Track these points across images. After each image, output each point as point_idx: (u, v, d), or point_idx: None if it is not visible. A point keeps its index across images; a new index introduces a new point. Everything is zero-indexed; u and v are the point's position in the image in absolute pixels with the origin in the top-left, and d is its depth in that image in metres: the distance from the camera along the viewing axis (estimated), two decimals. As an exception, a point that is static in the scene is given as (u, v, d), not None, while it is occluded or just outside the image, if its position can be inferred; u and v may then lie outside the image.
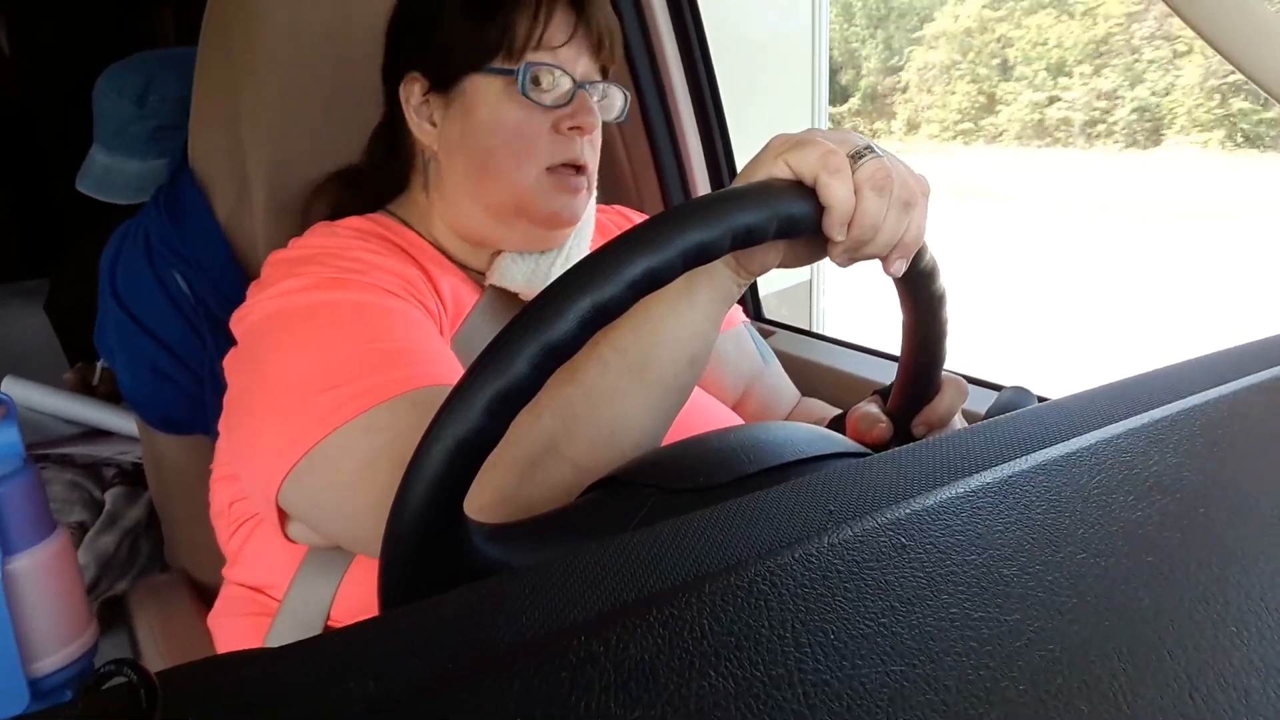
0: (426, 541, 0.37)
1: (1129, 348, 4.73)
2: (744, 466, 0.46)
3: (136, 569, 1.14)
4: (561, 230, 0.76)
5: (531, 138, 0.72)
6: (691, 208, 0.42)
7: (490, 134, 0.72)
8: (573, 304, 0.38)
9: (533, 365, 0.37)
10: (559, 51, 0.72)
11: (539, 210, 0.73)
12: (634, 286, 0.39)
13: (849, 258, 0.50)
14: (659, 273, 0.39)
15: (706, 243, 0.41)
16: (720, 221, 0.41)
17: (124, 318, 0.89)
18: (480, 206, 0.75)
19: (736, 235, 0.42)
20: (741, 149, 1.31)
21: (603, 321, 0.38)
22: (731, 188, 0.46)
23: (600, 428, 0.52)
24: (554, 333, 0.37)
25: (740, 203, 0.43)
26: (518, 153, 0.72)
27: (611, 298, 0.38)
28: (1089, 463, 0.37)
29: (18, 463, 0.67)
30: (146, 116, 1.17)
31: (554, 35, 0.71)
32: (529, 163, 0.72)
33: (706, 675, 0.25)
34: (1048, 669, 0.27)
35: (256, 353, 0.65)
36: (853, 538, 0.31)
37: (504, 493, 0.50)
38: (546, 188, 0.73)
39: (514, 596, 0.29)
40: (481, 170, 0.74)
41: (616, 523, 0.44)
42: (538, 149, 0.72)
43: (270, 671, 0.25)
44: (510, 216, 0.74)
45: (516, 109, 0.71)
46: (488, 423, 0.36)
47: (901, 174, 0.49)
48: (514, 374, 0.36)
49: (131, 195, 1.19)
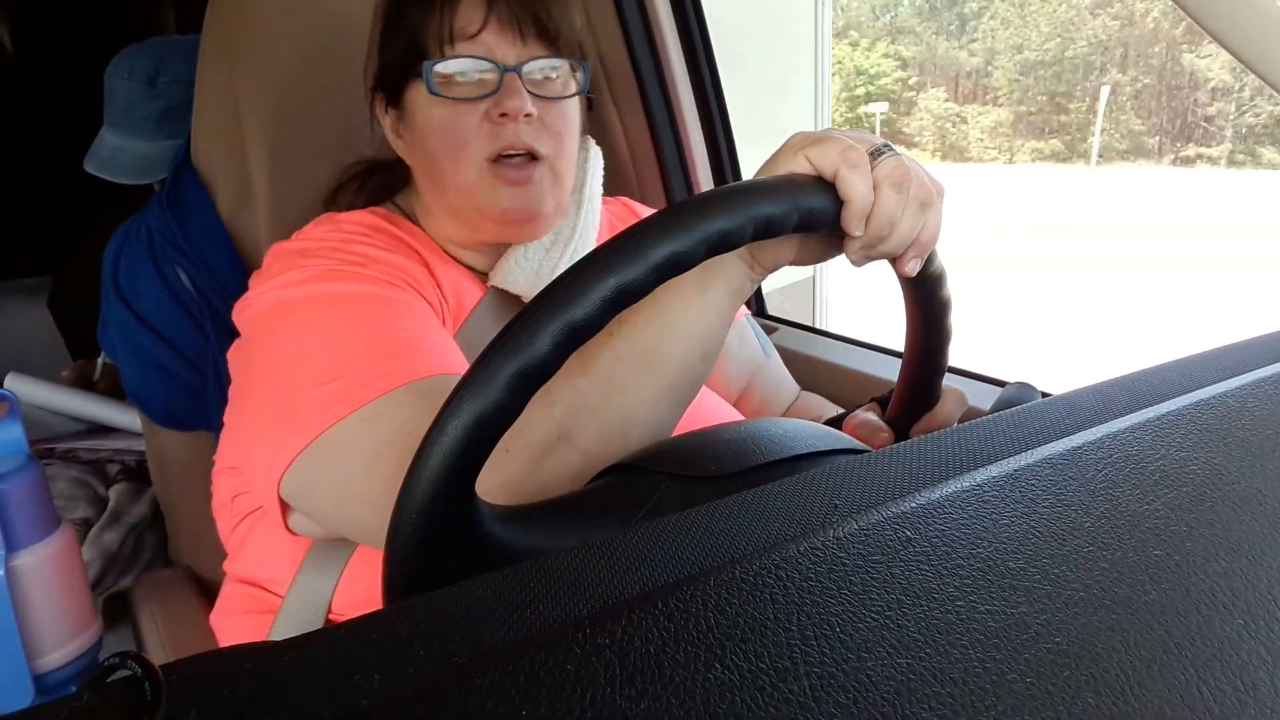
0: (437, 518, 0.37)
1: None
2: (753, 457, 0.46)
3: (141, 565, 1.15)
4: (525, 227, 0.74)
5: (461, 133, 0.70)
6: (715, 196, 0.42)
7: (426, 137, 0.71)
8: (596, 284, 0.38)
9: (555, 343, 0.37)
10: (478, 39, 0.69)
11: (489, 208, 0.71)
12: (658, 269, 0.39)
13: (864, 255, 0.50)
14: (682, 257, 0.40)
15: (729, 230, 0.41)
16: (743, 211, 0.42)
17: (127, 314, 0.89)
18: (446, 212, 0.75)
19: (758, 225, 0.42)
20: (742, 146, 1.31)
21: (625, 303, 0.39)
22: (754, 179, 0.46)
23: (611, 418, 0.52)
24: (577, 312, 0.37)
25: (763, 194, 0.44)
26: (453, 151, 0.70)
27: (634, 280, 0.39)
28: (1095, 457, 0.36)
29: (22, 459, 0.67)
30: (156, 97, 1.17)
31: (464, 26, 0.69)
32: (465, 159, 0.70)
33: (712, 668, 0.25)
34: (1055, 662, 0.27)
35: (259, 344, 0.65)
36: (858, 531, 0.31)
37: (514, 480, 0.51)
38: (489, 181, 0.70)
39: (519, 590, 0.29)
40: (430, 176, 0.73)
41: (627, 508, 0.45)
42: (471, 143, 0.70)
43: (275, 664, 0.25)
44: (470, 216, 0.73)
45: (442, 108, 0.70)
46: (507, 399, 0.36)
47: (919, 174, 0.50)
48: (535, 351, 0.36)
49: (137, 175, 1.19)
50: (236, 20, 0.87)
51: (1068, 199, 14.88)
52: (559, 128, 0.72)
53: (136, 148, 1.19)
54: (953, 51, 28.74)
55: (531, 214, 0.73)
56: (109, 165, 1.20)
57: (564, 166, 0.74)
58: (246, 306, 0.67)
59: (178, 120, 1.16)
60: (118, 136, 1.20)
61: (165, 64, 1.17)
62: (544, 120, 0.71)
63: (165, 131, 1.18)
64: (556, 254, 0.77)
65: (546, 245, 0.78)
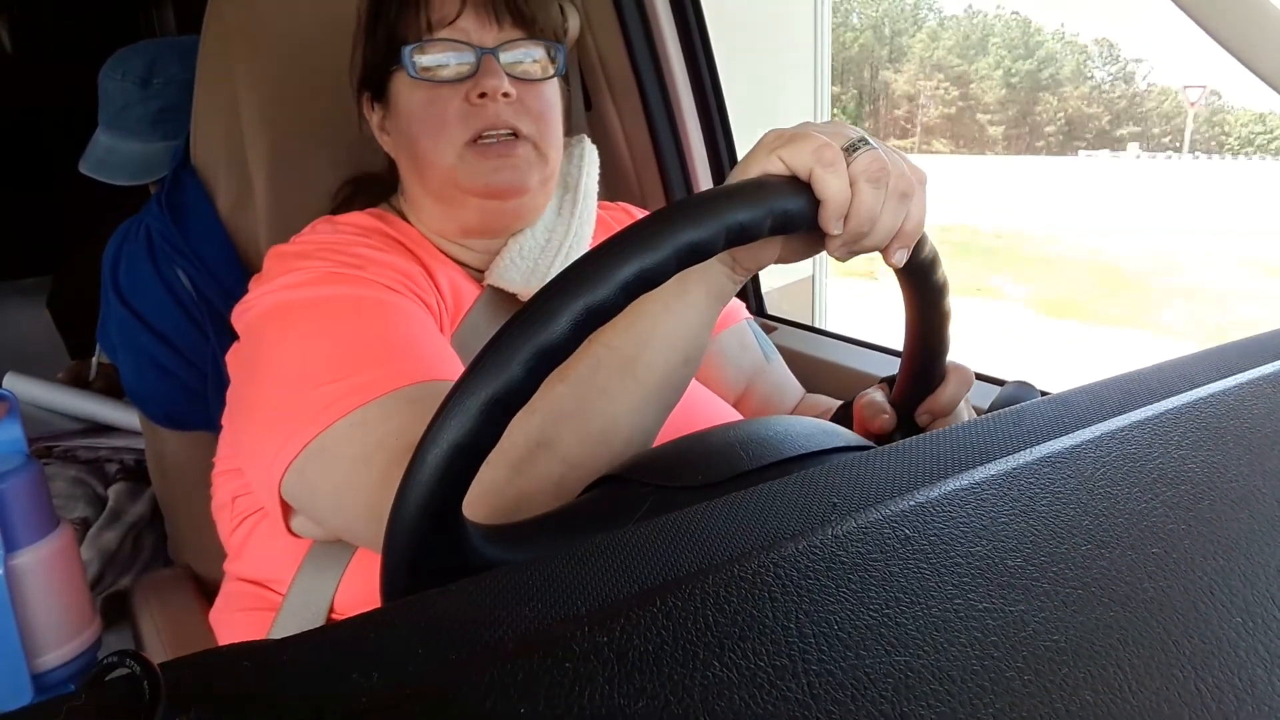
0: (425, 545, 0.37)
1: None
2: (743, 463, 0.46)
3: (140, 564, 1.15)
4: (509, 201, 0.74)
5: (441, 115, 0.72)
6: (684, 207, 0.41)
7: (409, 123, 0.73)
8: (566, 307, 0.37)
9: (527, 369, 0.36)
10: (456, 25, 0.72)
11: (470, 185, 0.73)
12: (626, 289, 0.38)
13: (847, 251, 0.49)
14: (651, 274, 0.39)
15: (700, 242, 0.40)
16: (713, 220, 0.41)
17: (126, 314, 0.89)
18: (430, 197, 0.76)
19: (731, 233, 0.41)
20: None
21: (596, 324, 0.38)
22: (725, 185, 0.45)
23: (591, 425, 0.52)
24: (547, 336, 0.37)
25: (734, 200, 0.42)
26: (433, 132, 0.72)
27: (603, 300, 0.38)
28: (1094, 455, 0.36)
29: (20, 459, 0.67)
30: (150, 98, 1.17)
31: (443, 13, 0.72)
32: (444, 141, 0.72)
33: (711, 666, 0.25)
34: (1053, 659, 0.27)
35: (257, 348, 0.65)
36: (857, 529, 0.31)
37: (495, 488, 0.50)
38: (469, 161, 0.72)
39: (517, 588, 0.29)
40: (413, 160, 0.75)
41: (615, 522, 0.44)
42: (451, 125, 0.71)
43: (273, 663, 0.25)
44: (454, 196, 0.74)
45: (422, 92, 0.72)
46: (483, 427, 0.36)
47: (897, 165, 0.48)
48: (509, 378, 0.36)
49: (131, 176, 1.19)
50: (236, 20, 0.87)
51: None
52: (540, 109, 0.74)
53: (131, 149, 1.19)
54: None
55: (517, 187, 0.73)
56: (104, 167, 1.20)
57: (548, 146, 0.75)
58: (245, 309, 0.68)
59: (172, 121, 1.16)
60: (112, 138, 1.20)
61: (159, 65, 1.17)
62: (524, 101, 0.73)
63: (160, 133, 1.18)
64: (551, 252, 0.77)
65: (541, 243, 0.78)
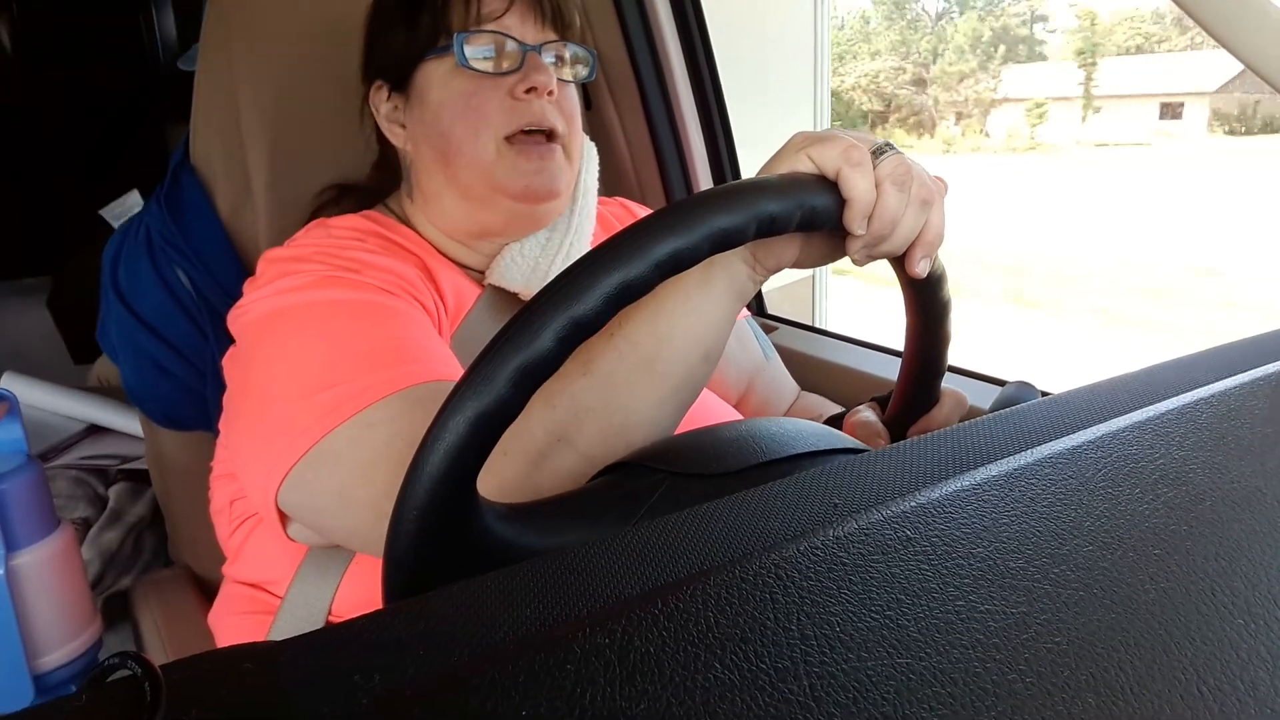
0: (438, 515, 0.37)
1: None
2: (754, 456, 0.46)
3: (140, 565, 1.15)
4: (541, 205, 0.74)
5: (483, 107, 0.71)
6: (718, 193, 0.42)
7: (443, 113, 0.72)
8: (599, 280, 0.38)
9: (558, 339, 0.37)
10: (501, 21, 0.72)
11: (509, 185, 0.72)
12: (659, 266, 0.39)
13: (867, 254, 0.50)
14: (684, 254, 0.40)
15: (732, 228, 0.41)
16: (746, 208, 0.42)
17: (126, 314, 0.89)
18: (456, 193, 0.74)
19: (761, 223, 0.42)
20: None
21: (627, 299, 0.39)
22: (757, 177, 0.46)
23: (612, 420, 0.52)
24: (579, 308, 0.37)
25: (766, 192, 0.44)
26: (473, 124, 0.71)
27: (637, 276, 0.39)
28: (1095, 456, 0.36)
29: (21, 459, 0.67)
30: None
31: (492, 7, 0.71)
32: (485, 133, 0.71)
33: (712, 668, 0.25)
34: (1055, 661, 0.27)
35: (253, 353, 0.65)
36: (858, 531, 0.31)
37: (513, 481, 0.51)
38: (510, 159, 0.71)
39: (519, 590, 0.29)
40: (444, 153, 0.73)
41: (628, 506, 0.45)
42: (492, 118, 0.71)
43: (274, 664, 0.25)
44: (485, 195, 0.73)
45: (463, 81, 0.71)
46: (510, 394, 0.36)
47: (920, 173, 0.50)
48: (539, 347, 0.36)
49: None
50: (236, 20, 0.87)
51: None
52: (570, 110, 0.75)
53: None
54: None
55: (552, 190, 0.74)
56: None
57: (573, 148, 0.76)
58: (240, 314, 0.67)
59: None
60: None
61: None
62: (559, 100, 0.73)
63: None
64: (552, 251, 0.77)
65: (542, 241, 0.78)
